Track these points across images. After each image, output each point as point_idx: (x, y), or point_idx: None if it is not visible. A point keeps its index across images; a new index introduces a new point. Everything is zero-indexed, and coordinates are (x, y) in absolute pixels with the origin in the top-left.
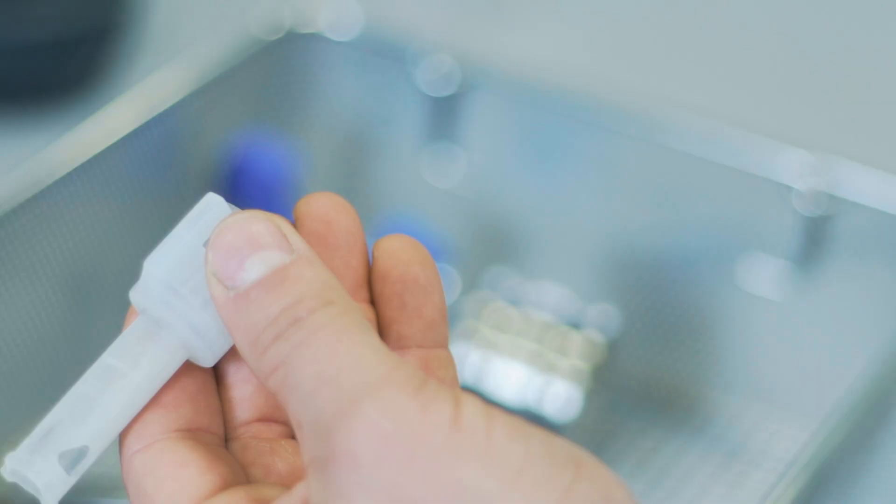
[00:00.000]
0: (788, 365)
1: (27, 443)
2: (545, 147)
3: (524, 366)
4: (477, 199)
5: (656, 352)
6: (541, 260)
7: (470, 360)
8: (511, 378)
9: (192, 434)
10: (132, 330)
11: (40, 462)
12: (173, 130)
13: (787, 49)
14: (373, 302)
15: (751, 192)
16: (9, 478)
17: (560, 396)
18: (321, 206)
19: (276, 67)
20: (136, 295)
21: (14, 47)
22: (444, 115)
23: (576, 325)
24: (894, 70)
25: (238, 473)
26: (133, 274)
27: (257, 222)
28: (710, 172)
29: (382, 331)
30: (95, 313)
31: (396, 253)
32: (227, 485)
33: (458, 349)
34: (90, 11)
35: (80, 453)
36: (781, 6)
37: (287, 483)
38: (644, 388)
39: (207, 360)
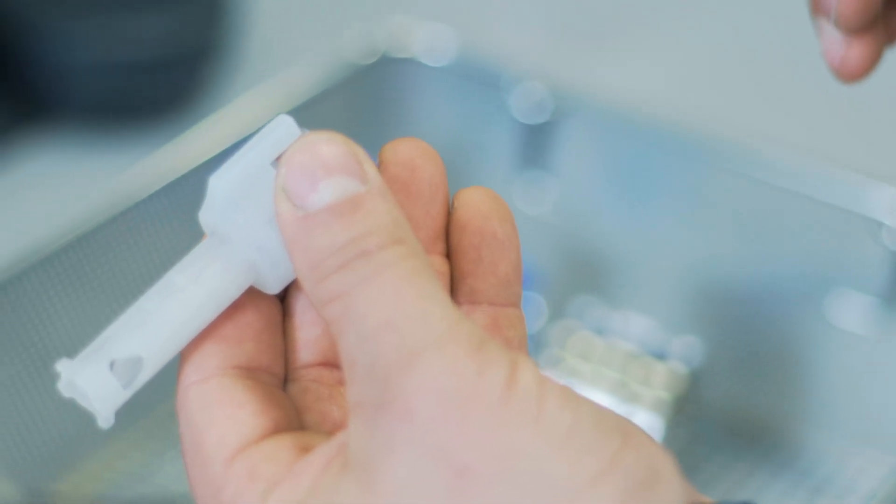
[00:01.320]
0: (875, 400)
1: (81, 354)
2: (635, 176)
3: (607, 395)
4: (566, 226)
5: (741, 385)
6: (627, 289)
7: None
8: None
9: (252, 373)
10: (197, 248)
11: (91, 369)
12: None
13: (880, 85)
14: (448, 255)
15: (840, 226)
16: (64, 392)
17: (642, 427)
18: (407, 151)
19: (368, 91)
20: (203, 214)
21: (115, 65)
22: (536, 142)
23: (660, 356)
24: None
25: (292, 418)
26: None
27: (336, 145)
28: (800, 206)
29: (455, 284)
30: None
31: (476, 205)
32: (278, 429)
33: None
34: (191, 32)
35: (135, 364)
36: None
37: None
38: (729, 421)
39: (272, 286)
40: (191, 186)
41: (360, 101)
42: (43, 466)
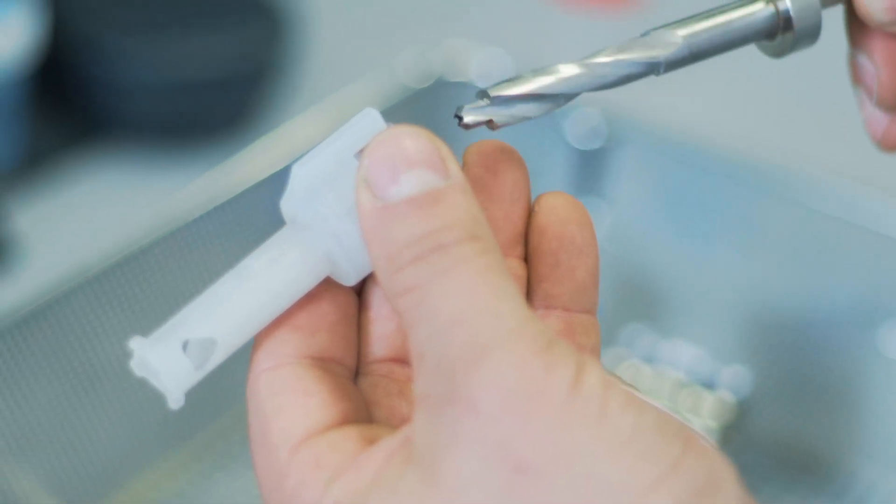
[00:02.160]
0: None
1: (155, 333)
2: (688, 204)
3: None
4: (618, 253)
5: (791, 415)
6: (677, 317)
7: None
8: None
9: (324, 363)
10: (276, 236)
11: (164, 348)
12: None
13: None
14: (526, 259)
15: (894, 257)
16: (136, 370)
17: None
18: (490, 154)
19: (423, 114)
20: (284, 202)
21: (174, 84)
22: (590, 168)
23: (709, 385)
24: None
25: (361, 411)
26: None
27: (420, 139)
28: (854, 236)
29: (532, 288)
30: None
31: (556, 210)
32: (346, 421)
33: None
34: (250, 53)
35: (208, 346)
36: None
37: None
38: (778, 452)
39: (349, 277)
40: (240, 208)
41: (416, 124)
42: (90, 486)
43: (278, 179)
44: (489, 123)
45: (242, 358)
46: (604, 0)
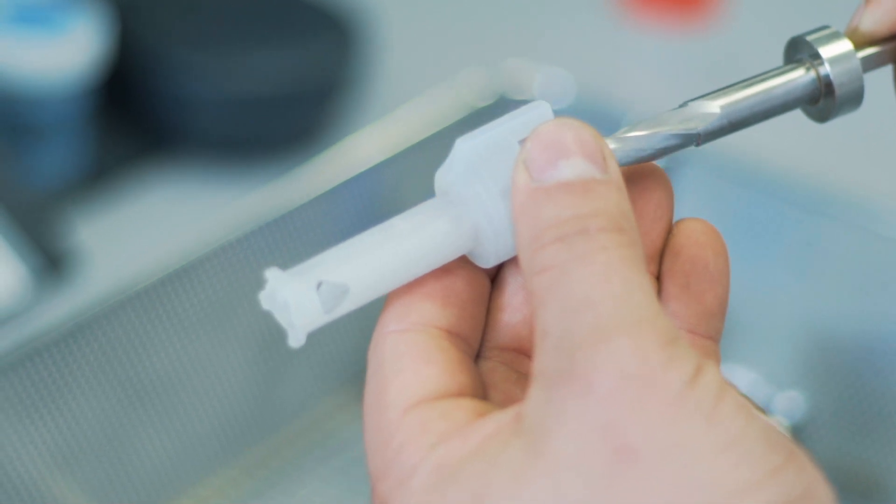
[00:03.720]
0: None
1: (292, 269)
2: (746, 226)
3: None
4: None
5: (847, 441)
6: (733, 342)
7: None
8: None
9: (450, 337)
10: (425, 203)
11: (299, 284)
12: (372, 190)
13: None
14: (658, 278)
15: None
16: (263, 303)
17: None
18: (640, 172)
19: None
20: (441, 173)
21: (239, 100)
22: None
23: (764, 410)
24: None
25: (477, 388)
26: (314, 334)
27: (588, 133)
28: None
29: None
30: (279, 369)
31: (694, 234)
32: (461, 394)
33: None
34: (316, 69)
35: (340, 291)
36: None
37: None
38: (834, 478)
39: (488, 258)
40: (292, 224)
41: None
42: (137, 501)
43: (329, 198)
44: None
45: (298, 378)
46: (675, 19)
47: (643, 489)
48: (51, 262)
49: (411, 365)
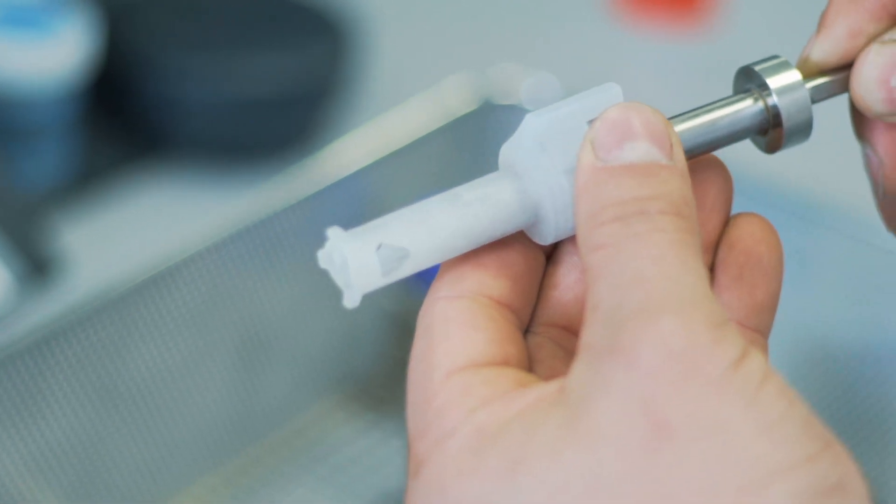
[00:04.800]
0: None
1: (353, 230)
2: None
3: None
4: None
5: None
6: None
7: None
8: None
9: (500, 308)
10: (491, 175)
11: (360, 244)
12: (357, 195)
13: None
14: (712, 269)
15: None
16: (321, 261)
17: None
18: (702, 162)
19: (472, 136)
20: (507, 146)
21: (230, 103)
22: None
23: None
24: None
25: (523, 360)
26: (297, 340)
27: (656, 118)
28: None
29: None
30: (262, 376)
31: (750, 228)
32: (507, 364)
33: None
34: (308, 73)
35: (401, 255)
36: None
37: None
38: None
39: (546, 235)
40: (274, 230)
41: (464, 145)
42: None
43: (312, 202)
44: None
45: (281, 385)
46: (670, 22)
47: (678, 466)
48: (36, 266)
49: (459, 331)
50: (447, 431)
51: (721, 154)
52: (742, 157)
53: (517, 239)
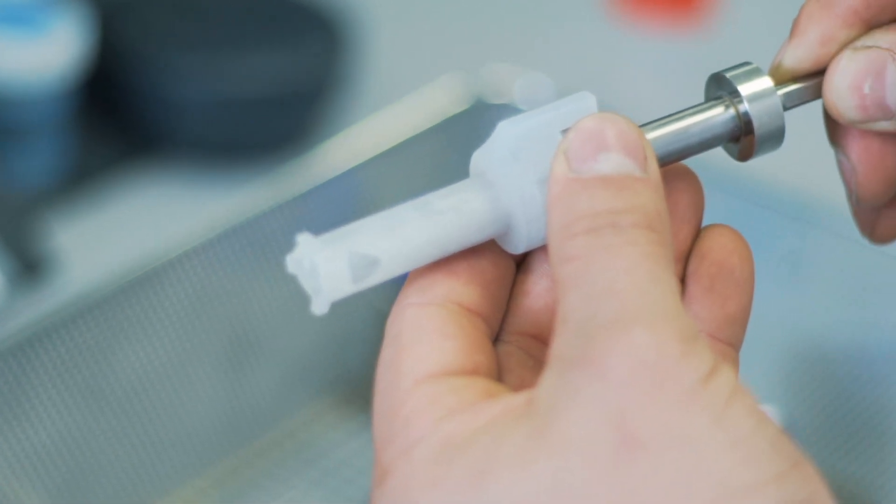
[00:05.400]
0: None
1: (323, 237)
2: None
3: None
4: None
5: (833, 455)
6: None
7: None
8: None
9: (470, 315)
10: (460, 184)
11: (331, 251)
12: (347, 195)
13: None
14: (683, 280)
15: None
16: (290, 266)
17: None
18: (673, 171)
19: (465, 135)
20: (479, 154)
21: (226, 102)
22: None
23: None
24: None
25: (492, 370)
26: (288, 341)
27: (630, 129)
28: None
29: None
30: (252, 378)
31: (722, 239)
32: (476, 373)
33: None
34: (303, 71)
35: (372, 264)
36: None
37: None
38: None
39: (518, 244)
40: (261, 230)
41: (456, 145)
42: None
43: (302, 202)
44: None
45: (271, 387)
46: (668, 20)
47: (645, 479)
48: (27, 266)
49: (428, 338)
50: (414, 441)
51: (713, 155)
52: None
53: (487, 246)
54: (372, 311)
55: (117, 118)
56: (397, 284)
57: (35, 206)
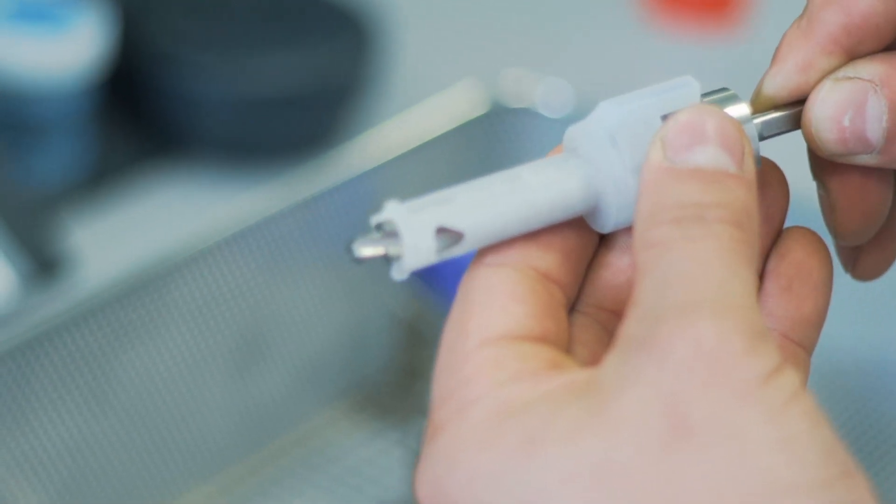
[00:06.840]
0: None
1: (410, 203)
2: None
3: None
4: None
5: None
6: None
7: None
8: None
9: (545, 282)
10: (554, 158)
11: (419, 220)
12: (364, 197)
13: None
14: (761, 277)
15: None
16: (373, 224)
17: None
18: (762, 168)
19: (485, 138)
20: (573, 130)
21: (248, 101)
22: None
23: None
24: None
25: (562, 339)
26: (301, 344)
27: (730, 125)
28: None
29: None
30: (263, 382)
31: (802, 241)
32: (544, 340)
33: None
34: (328, 71)
35: (455, 238)
36: None
37: None
38: None
39: (606, 224)
40: (279, 231)
41: (475, 148)
42: None
43: (318, 203)
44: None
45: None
46: (698, 24)
47: (690, 467)
48: (42, 265)
49: (500, 301)
50: (470, 400)
51: None
52: None
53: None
54: (388, 316)
55: (138, 117)
56: (414, 291)
57: (53, 203)
